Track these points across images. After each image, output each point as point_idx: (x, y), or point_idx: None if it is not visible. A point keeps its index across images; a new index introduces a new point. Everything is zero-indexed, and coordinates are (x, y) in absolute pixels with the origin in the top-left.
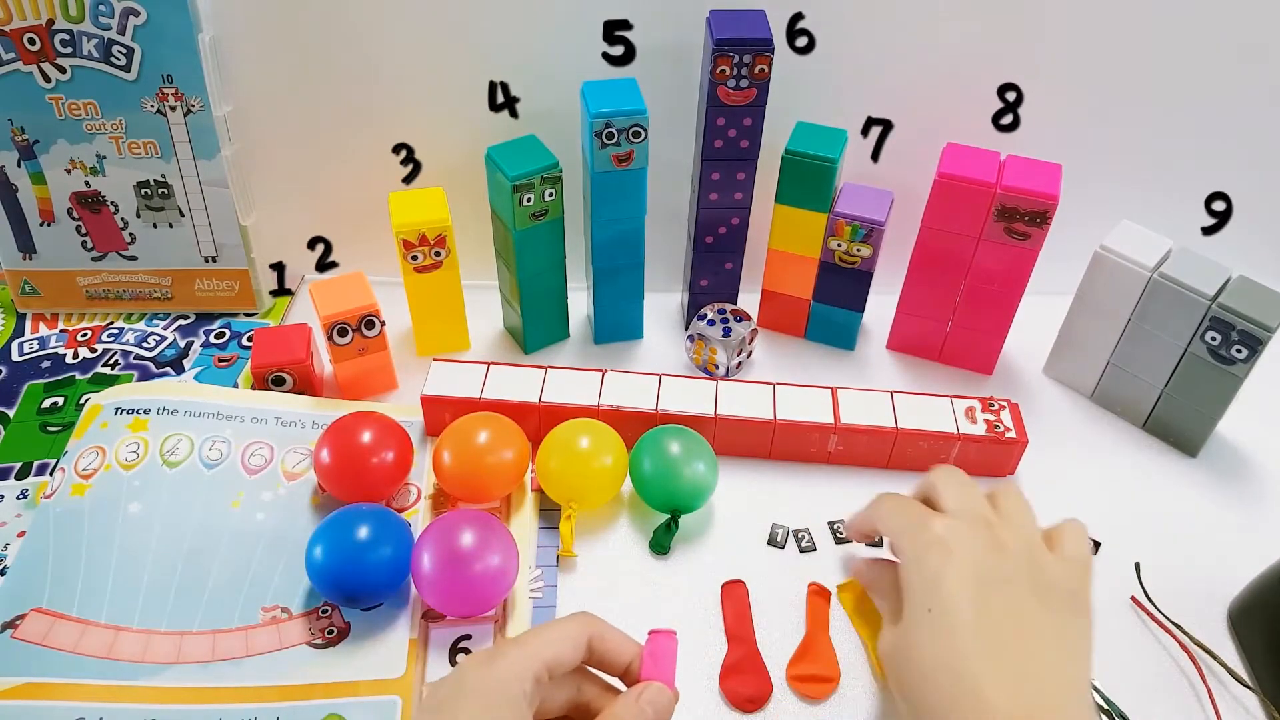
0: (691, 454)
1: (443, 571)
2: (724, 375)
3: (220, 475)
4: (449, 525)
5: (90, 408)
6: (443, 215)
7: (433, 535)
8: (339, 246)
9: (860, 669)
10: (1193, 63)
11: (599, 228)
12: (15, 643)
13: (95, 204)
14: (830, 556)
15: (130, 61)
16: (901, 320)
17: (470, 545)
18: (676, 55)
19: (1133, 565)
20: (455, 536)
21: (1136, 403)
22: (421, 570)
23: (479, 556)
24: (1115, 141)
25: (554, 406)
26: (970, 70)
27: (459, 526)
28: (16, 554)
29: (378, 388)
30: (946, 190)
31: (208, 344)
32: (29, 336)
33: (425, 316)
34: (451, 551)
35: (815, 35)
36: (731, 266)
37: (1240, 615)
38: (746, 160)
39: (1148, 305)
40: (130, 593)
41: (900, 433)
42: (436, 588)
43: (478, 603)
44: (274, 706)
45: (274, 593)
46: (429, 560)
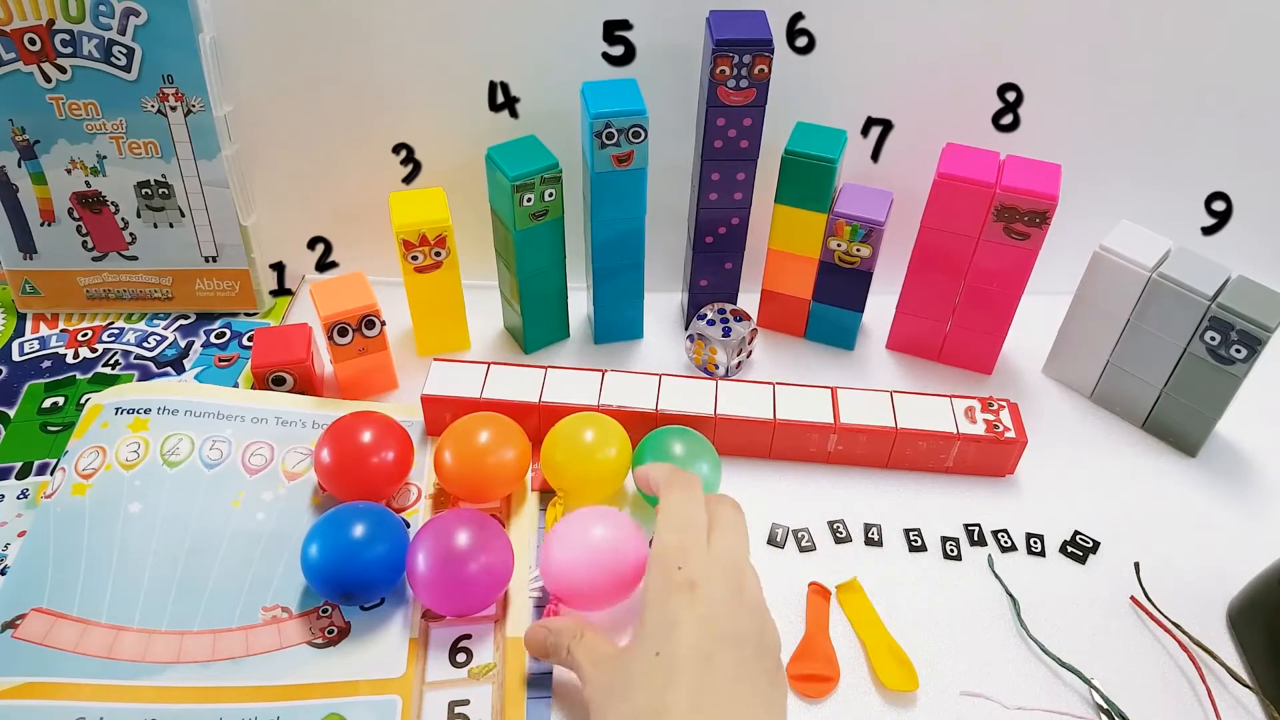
0: (695, 455)
1: (436, 571)
2: (724, 375)
3: (220, 475)
4: (442, 525)
5: (91, 408)
6: (443, 215)
7: (426, 536)
8: (339, 246)
9: (860, 668)
10: (1193, 63)
11: (599, 228)
12: (15, 642)
13: (96, 204)
14: (830, 556)
15: (130, 61)
16: (901, 320)
17: (463, 544)
18: (676, 55)
19: (1133, 565)
20: (448, 536)
21: (1136, 403)
22: (416, 571)
23: (472, 556)
24: (1115, 141)
25: (554, 406)
26: (970, 70)
27: (452, 526)
28: (16, 554)
29: (378, 388)
30: (946, 190)
31: (208, 344)
32: (29, 336)
33: (425, 316)
34: (444, 551)
35: (815, 35)
36: (731, 266)
37: (1240, 615)
38: (746, 160)
39: (1147, 305)
40: (130, 592)
41: (900, 432)
42: (431, 588)
43: (473, 602)
44: (274, 706)
45: (274, 592)
46: (423, 560)
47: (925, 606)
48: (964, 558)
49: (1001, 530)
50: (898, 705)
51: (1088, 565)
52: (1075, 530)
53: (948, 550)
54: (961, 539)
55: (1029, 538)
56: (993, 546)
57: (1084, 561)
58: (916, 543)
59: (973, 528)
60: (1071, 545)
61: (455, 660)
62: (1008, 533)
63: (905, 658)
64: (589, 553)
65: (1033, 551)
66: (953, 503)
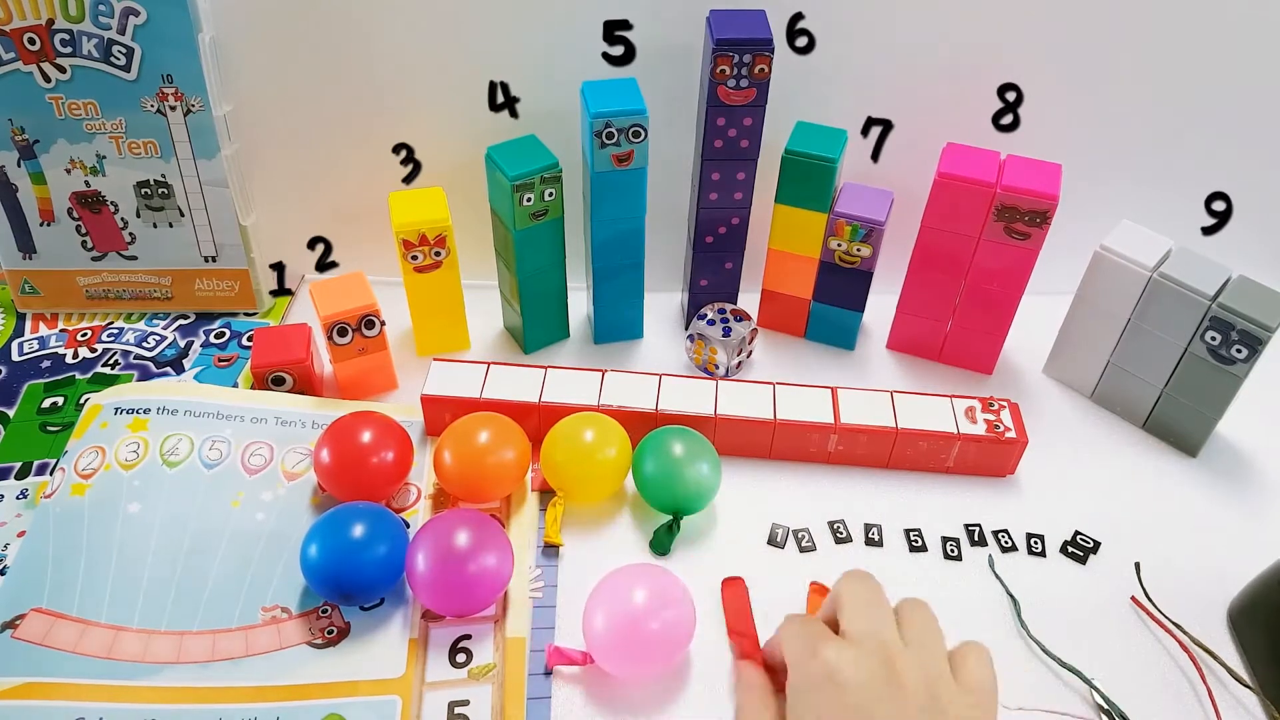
0: (695, 455)
1: (436, 571)
2: (724, 375)
3: (220, 475)
4: (442, 525)
5: (90, 407)
6: (443, 215)
7: (425, 536)
8: (339, 246)
9: None
10: (1193, 63)
11: (599, 228)
12: (15, 643)
13: (95, 204)
14: (830, 556)
15: (130, 61)
16: (901, 320)
17: (463, 545)
18: (676, 55)
19: (1133, 565)
20: (448, 536)
21: (1136, 402)
22: (415, 571)
23: (472, 556)
24: (1115, 141)
25: (554, 406)
26: (970, 70)
27: (452, 526)
28: (16, 554)
29: (378, 388)
30: (946, 190)
31: (208, 344)
32: (29, 336)
33: (425, 316)
34: (444, 551)
35: (815, 35)
36: (731, 266)
37: (1240, 615)
38: (746, 160)
39: (1147, 305)
40: (130, 592)
41: (900, 432)
42: (430, 588)
43: (473, 602)
44: (274, 706)
45: (274, 592)
46: (422, 561)
47: None
48: (964, 558)
49: (1002, 530)
50: None
51: (1088, 565)
52: (1076, 530)
53: (948, 550)
54: (962, 539)
55: (1029, 538)
56: (993, 547)
57: (1084, 562)
58: (917, 543)
59: (973, 528)
60: (1072, 545)
61: (455, 660)
62: (1008, 533)
63: None
64: (634, 627)
65: (1033, 552)
66: (953, 503)
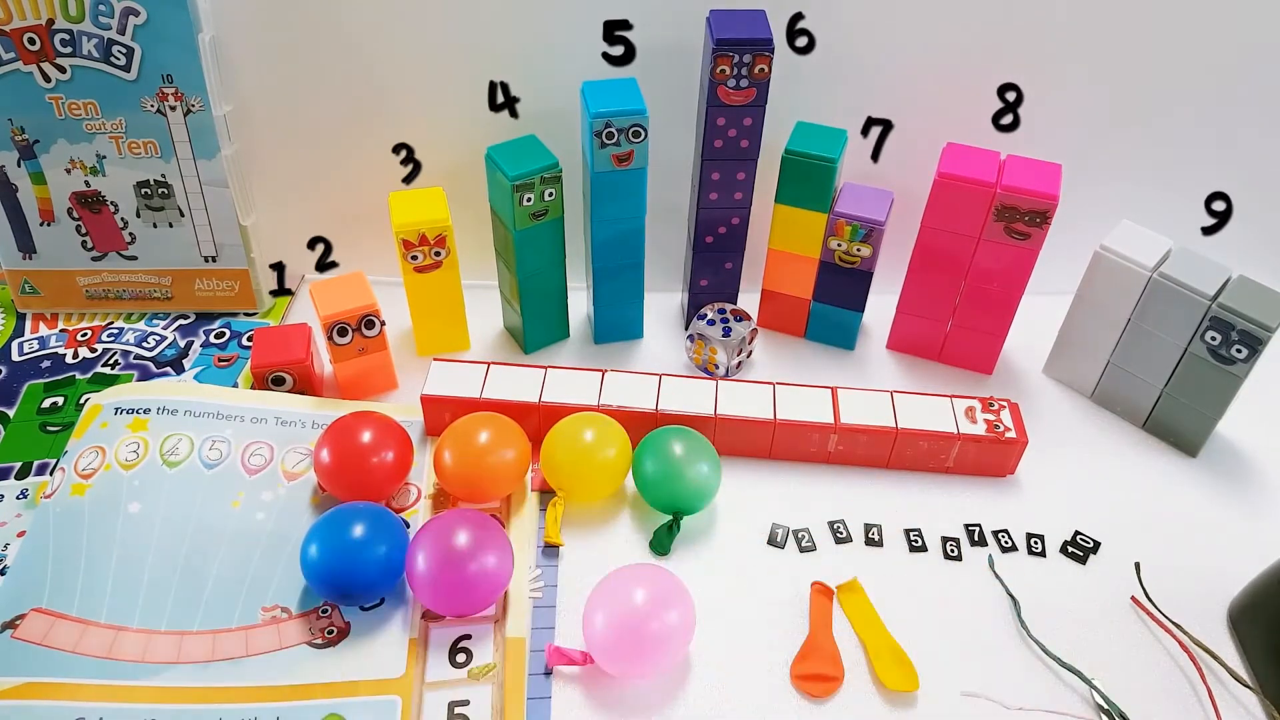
0: (695, 455)
1: (436, 571)
2: (724, 375)
3: (220, 475)
4: (442, 525)
5: (90, 407)
6: (443, 215)
7: (425, 536)
8: (339, 246)
9: (860, 669)
10: (1193, 63)
11: (599, 227)
12: (15, 643)
13: (95, 204)
14: (830, 557)
15: (130, 61)
16: (901, 320)
17: (463, 545)
18: (676, 55)
19: (1133, 565)
20: (448, 536)
21: (1136, 403)
22: (415, 571)
23: (472, 556)
24: (1115, 141)
25: (554, 406)
26: (970, 70)
27: (452, 526)
28: (16, 554)
29: (378, 388)
30: (946, 190)
31: (208, 344)
32: (29, 336)
33: (425, 316)
34: (444, 551)
35: (815, 35)
36: (731, 266)
37: (1240, 615)
38: (746, 160)
39: (1148, 305)
40: (130, 592)
41: (900, 432)
42: (430, 588)
43: (473, 602)
44: (274, 706)
45: (274, 592)
46: (422, 561)
47: (926, 607)
48: (964, 558)
49: (1002, 530)
50: (898, 706)
51: (1088, 565)
52: (1076, 530)
53: (948, 550)
54: (962, 539)
55: (1029, 538)
56: (993, 547)
57: (1084, 562)
58: (917, 543)
59: (973, 528)
60: (1072, 545)
61: (455, 660)
62: (1008, 533)
63: (906, 658)
64: (634, 628)
65: (1033, 552)
66: (953, 503)
